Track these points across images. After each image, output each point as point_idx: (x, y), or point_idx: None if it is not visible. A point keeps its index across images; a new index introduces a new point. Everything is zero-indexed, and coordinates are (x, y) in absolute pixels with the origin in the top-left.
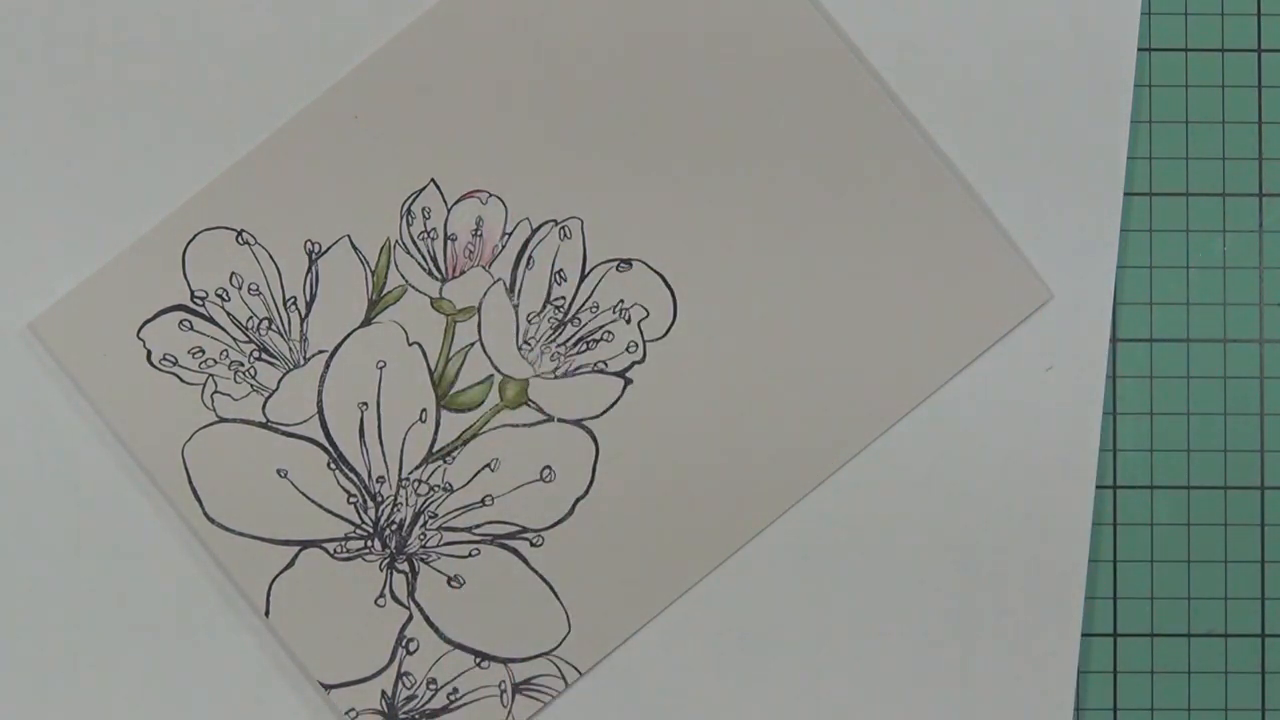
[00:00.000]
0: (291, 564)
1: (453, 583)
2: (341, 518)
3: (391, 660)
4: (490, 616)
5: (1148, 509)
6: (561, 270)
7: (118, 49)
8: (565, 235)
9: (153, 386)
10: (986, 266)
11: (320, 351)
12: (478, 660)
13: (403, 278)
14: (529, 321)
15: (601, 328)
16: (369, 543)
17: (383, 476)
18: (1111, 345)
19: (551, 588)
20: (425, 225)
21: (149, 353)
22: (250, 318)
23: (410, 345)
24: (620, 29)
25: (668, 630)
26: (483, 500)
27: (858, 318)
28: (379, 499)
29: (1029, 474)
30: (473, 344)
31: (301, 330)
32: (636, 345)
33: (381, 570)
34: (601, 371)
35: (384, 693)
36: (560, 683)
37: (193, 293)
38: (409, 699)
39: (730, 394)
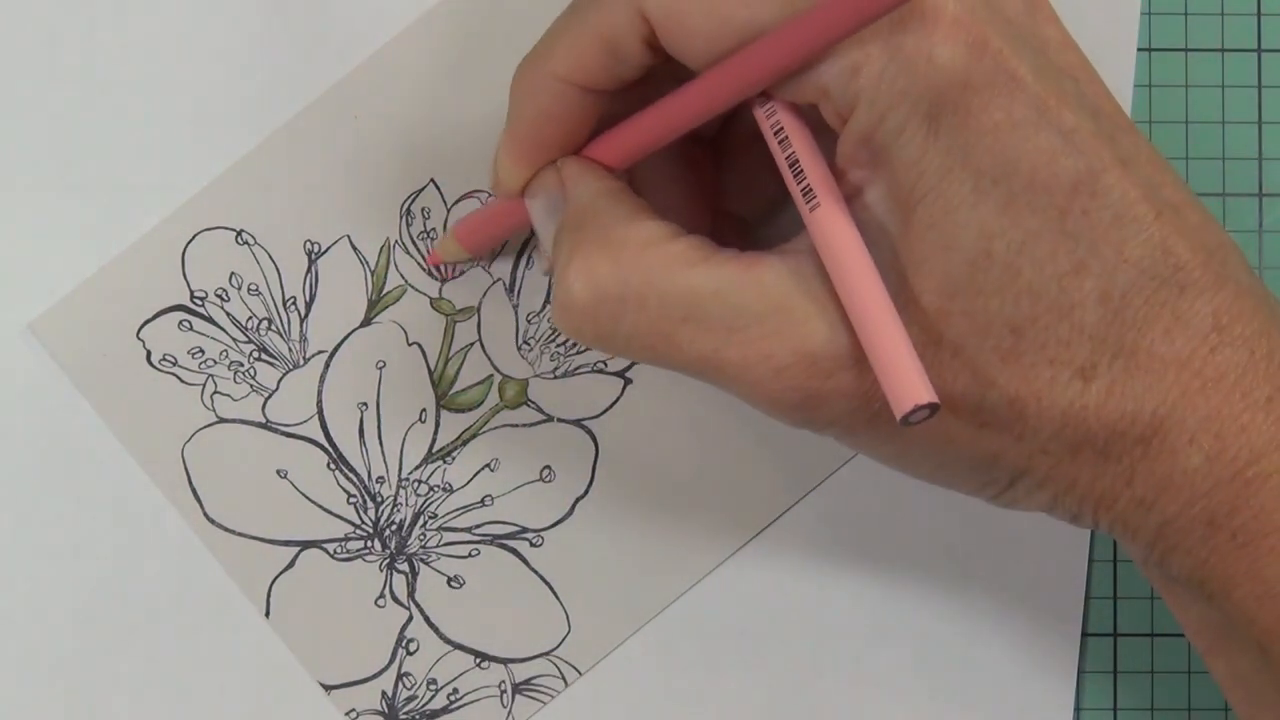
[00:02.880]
0: (291, 564)
1: (453, 583)
2: (341, 518)
3: (391, 661)
4: (490, 617)
5: None
6: None
7: (118, 49)
8: None
9: (153, 386)
10: None
11: (320, 352)
12: (478, 661)
13: (402, 278)
14: (529, 321)
15: None
16: (369, 543)
17: (383, 477)
18: None
19: (551, 588)
20: (425, 225)
21: (149, 353)
22: (250, 318)
23: (410, 345)
24: None
25: (668, 630)
26: (482, 500)
27: None
28: (379, 499)
29: None
30: (472, 344)
31: (301, 330)
32: None
33: (381, 571)
34: (601, 371)
35: (384, 693)
36: (560, 683)
37: (192, 293)
38: (409, 699)
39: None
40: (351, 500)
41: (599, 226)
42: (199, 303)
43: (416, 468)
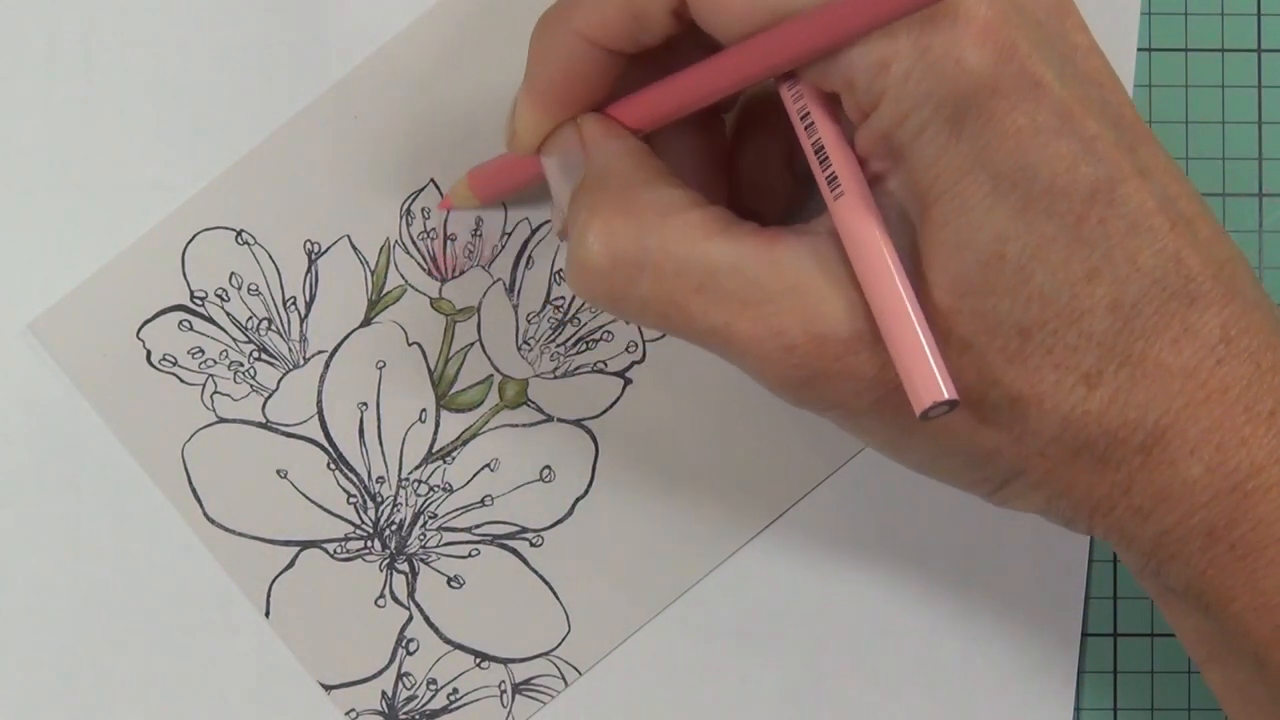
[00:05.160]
0: (291, 564)
1: (453, 583)
2: (341, 518)
3: (391, 661)
4: (490, 616)
5: None
6: (561, 270)
7: (118, 49)
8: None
9: (153, 386)
10: None
11: (320, 352)
12: (478, 660)
13: (402, 278)
14: (529, 321)
15: (601, 327)
16: (369, 543)
17: (382, 477)
18: None
19: (551, 588)
20: (425, 225)
21: (149, 353)
22: (250, 318)
23: (410, 345)
24: None
25: (668, 630)
26: (482, 500)
27: None
28: (379, 499)
29: None
30: (472, 344)
31: (301, 330)
32: (636, 345)
33: (381, 571)
34: (601, 371)
35: (384, 693)
36: (560, 683)
37: (192, 293)
38: (409, 699)
39: (730, 393)
40: (351, 500)
41: (620, 188)
42: (199, 303)
43: (416, 468)
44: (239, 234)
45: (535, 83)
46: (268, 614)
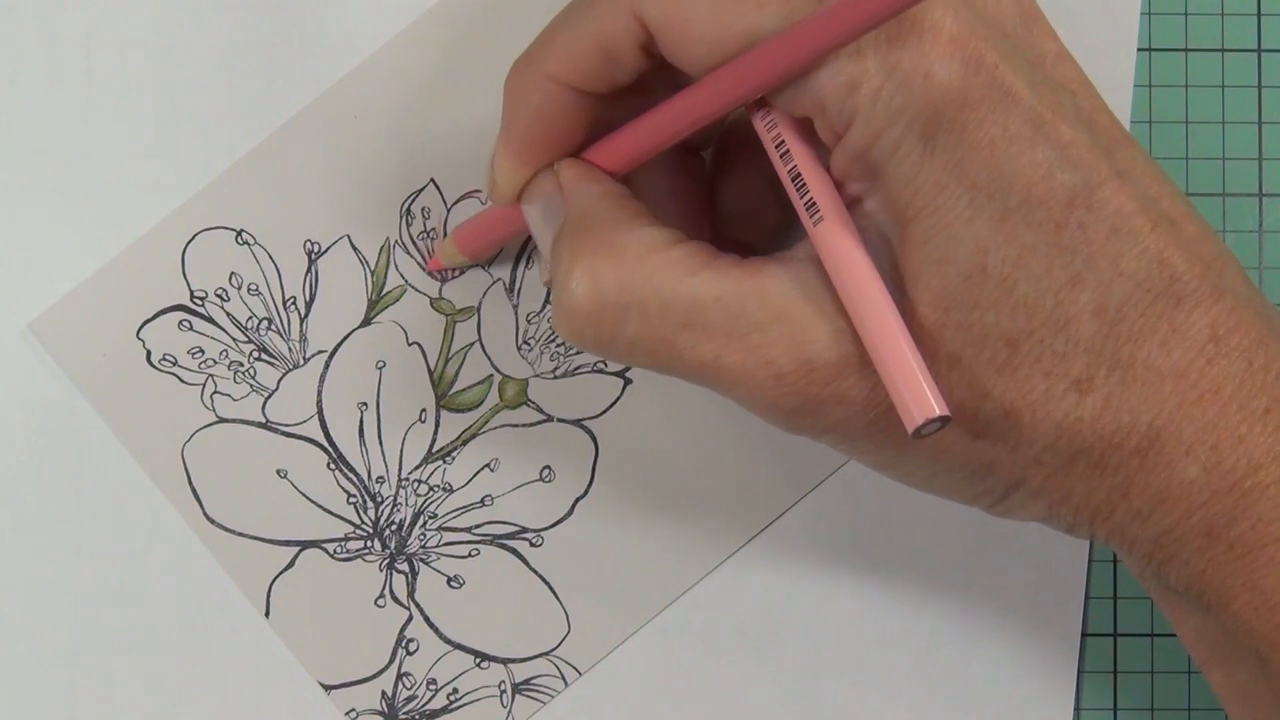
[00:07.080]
0: (291, 564)
1: (453, 583)
2: (341, 518)
3: (391, 661)
4: (490, 617)
5: None
6: None
7: (118, 49)
8: None
9: (153, 386)
10: None
11: (320, 352)
12: (477, 660)
13: (402, 278)
14: (529, 321)
15: None
16: (369, 543)
17: (382, 477)
18: None
19: (551, 588)
20: (425, 225)
21: (149, 353)
22: (250, 318)
23: (410, 345)
24: None
25: (668, 630)
26: (482, 500)
27: None
28: (379, 499)
29: None
30: (472, 344)
31: (301, 330)
32: None
33: (381, 571)
34: (601, 371)
35: (384, 693)
36: (560, 683)
37: (192, 293)
38: (409, 699)
39: None
40: (351, 500)
41: (601, 231)
42: (199, 303)
43: (416, 468)
44: (239, 234)
45: (511, 131)
46: (268, 614)
